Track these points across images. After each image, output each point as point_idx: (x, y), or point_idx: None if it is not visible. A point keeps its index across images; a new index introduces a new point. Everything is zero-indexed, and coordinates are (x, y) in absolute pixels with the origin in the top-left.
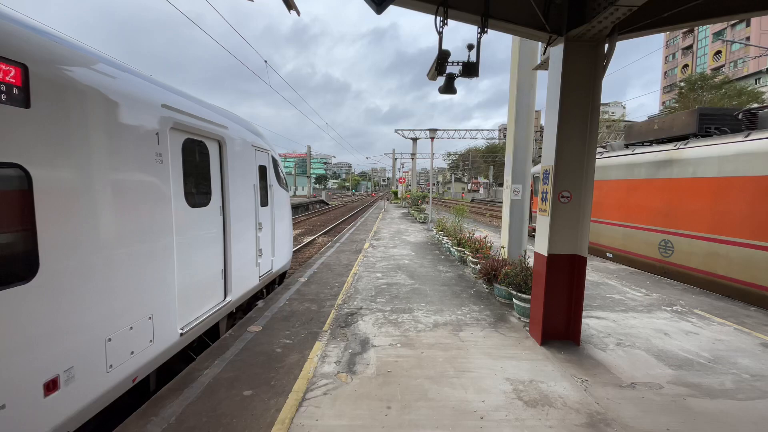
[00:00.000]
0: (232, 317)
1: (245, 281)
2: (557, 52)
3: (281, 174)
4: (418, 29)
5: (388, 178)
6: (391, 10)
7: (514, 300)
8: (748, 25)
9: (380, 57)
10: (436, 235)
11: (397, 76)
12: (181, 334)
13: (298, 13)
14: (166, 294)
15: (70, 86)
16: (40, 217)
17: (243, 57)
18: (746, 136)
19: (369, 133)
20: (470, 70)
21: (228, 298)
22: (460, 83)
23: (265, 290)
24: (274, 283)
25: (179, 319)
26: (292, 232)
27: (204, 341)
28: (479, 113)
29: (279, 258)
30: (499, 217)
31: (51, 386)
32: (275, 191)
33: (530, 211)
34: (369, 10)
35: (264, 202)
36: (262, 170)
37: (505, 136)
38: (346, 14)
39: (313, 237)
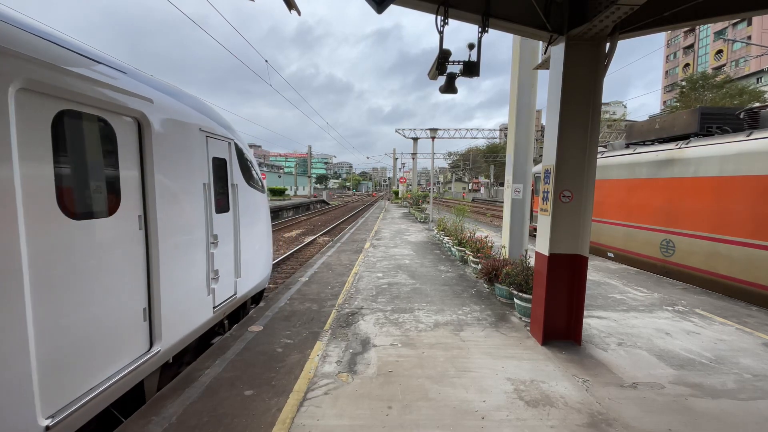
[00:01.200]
0: (177, 362)
1: (188, 318)
2: (558, 51)
3: (253, 170)
4: (421, 30)
5: (389, 178)
6: (395, 11)
7: (515, 300)
8: (749, 24)
9: (383, 58)
10: (437, 235)
11: (400, 77)
12: (48, 428)
13: (299, 13)
14: (8, 368)
15: None
16: None
17: (247, 58)
18: (748, 136)
19: (371, 133)
20: (471, 69)
21: (156, 348)
22: (461, 83)
23: (227, 321)
24: (245, 307)
25: (45, 403)
26: (271, 242)
27: (113, 415)
28: (481, 113)
29: (249, 277)
30: (500, 217)
31: None
32: (242, 192)
33: (531, 211)
34: (372, 11)
35: (222, 206)
36: (220, 165)
37: (506, 136)
38: (350, 15)
39: (314, 237)
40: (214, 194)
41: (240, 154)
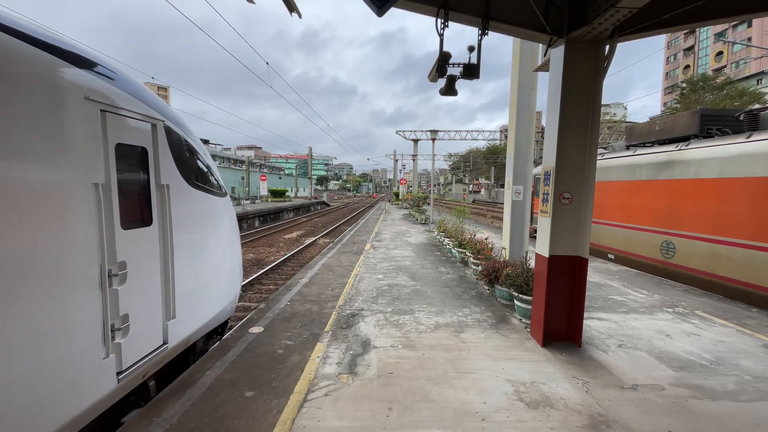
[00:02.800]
0: None
1: (54, 406)
2: (558, 53)
3: (203, 166)
4: (426, 32)
5: (389, 180)
6: (399, 15)
7: (515, 301)
8: (749, 26)
9: (387, 61)
10: (437, 237)
11: (403, 80)
12: None
13: (300, 15)
14: None
15: None
16: None
17: (252, 60)
18: (748, 137)
19: (373, 134)
20: (471, 71)
21: None
22: (464, 86)
23: (154, 382)
24: (194, 349)
25: None
26: (239, 259)
27: None
28: (483, 115)
29: (194, 315)
30: (501, 218)
31: None
32: (179, 197)
33: (531, 213)
34: (376, 16)
35: (139, 218)
36: (134, 156)
37: (506, 137)
38: (355, 19)
39: (314, 238)
40: (119, 200)
41: (176, 142)
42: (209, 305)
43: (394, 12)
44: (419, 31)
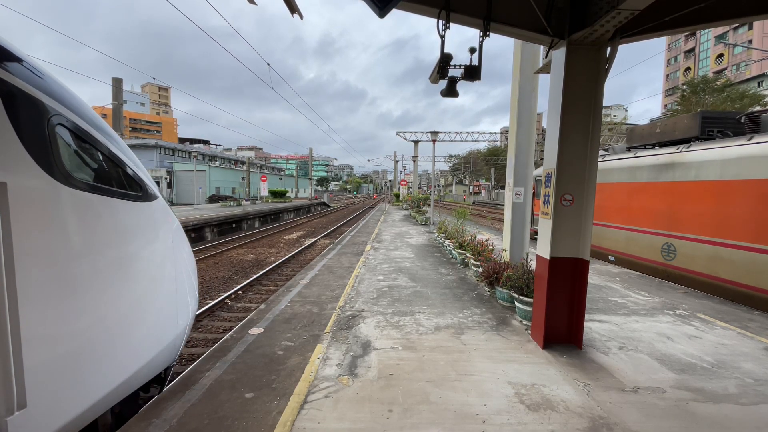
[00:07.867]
0: None
1: None
2: (559, 55)
3: (106, 155)
4: (434, 32)
5: (390, 181)
6: (414, 21)
7: (516, 303)
8: (750, 28)
9: (398, 66)
10: (438, 238)
11: (411, 86)
12: None
13: (301, 17)
14: None
15: None
16: None
17: (264, 66)
18: (749, 140)
19: (379, 136)
20: (472, 73)
21: None
22: (470, 90)
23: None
24: (96, 427)
25: None
26: (189, 283)
27: None
28: (488, 118)
29: (74, 391)
30: (501, 220)
31: None
32: (35, 203)
33: (532, 214)
34: (386, 22)
35: None
36: None
37: (506, 139)
38: (370, 26)
39: (314, 239)
40: None
41: (30, 113)
42: (120, 362)
43: (407, 19)
44: (431, 35)
